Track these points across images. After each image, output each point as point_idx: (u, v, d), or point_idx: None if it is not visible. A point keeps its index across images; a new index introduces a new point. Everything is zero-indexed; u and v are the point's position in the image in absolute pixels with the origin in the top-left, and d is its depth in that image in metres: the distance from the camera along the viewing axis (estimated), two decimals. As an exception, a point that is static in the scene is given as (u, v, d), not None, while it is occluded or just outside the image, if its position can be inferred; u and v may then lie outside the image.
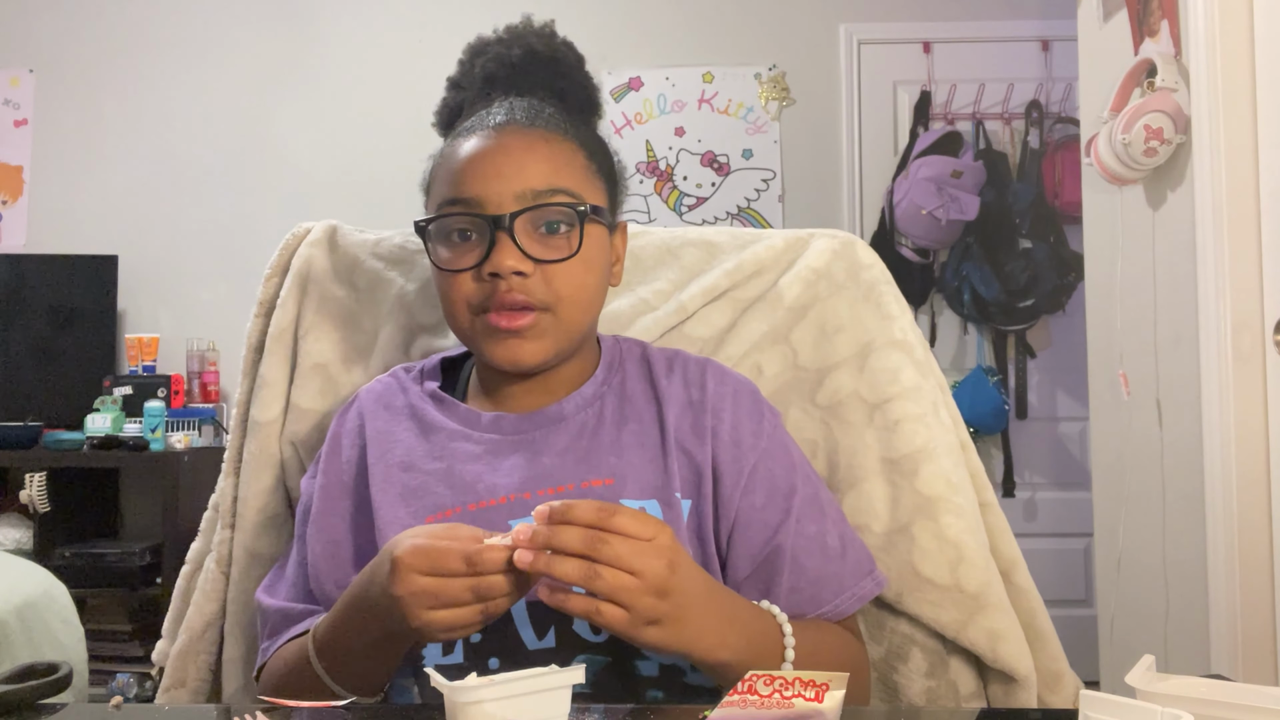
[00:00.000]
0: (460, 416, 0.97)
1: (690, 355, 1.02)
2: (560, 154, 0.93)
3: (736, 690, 0.61)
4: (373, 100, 3.64)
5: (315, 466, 1.00)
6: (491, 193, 0.90)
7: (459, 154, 0.94)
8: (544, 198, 0.90)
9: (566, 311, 0.92)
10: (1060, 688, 1.04)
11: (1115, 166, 2.16)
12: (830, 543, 0.94)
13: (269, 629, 0.95)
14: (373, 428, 0.97)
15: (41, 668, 0.73)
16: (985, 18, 3.64)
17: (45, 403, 3.31)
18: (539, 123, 0.95)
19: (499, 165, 0.91)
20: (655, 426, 0.95)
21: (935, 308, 3.57)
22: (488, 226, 0.89)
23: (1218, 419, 1.99)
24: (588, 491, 0.90)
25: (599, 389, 0.98)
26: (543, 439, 0.94)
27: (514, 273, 0.88)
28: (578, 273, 0.91)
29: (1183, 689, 0.60)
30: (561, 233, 0.91)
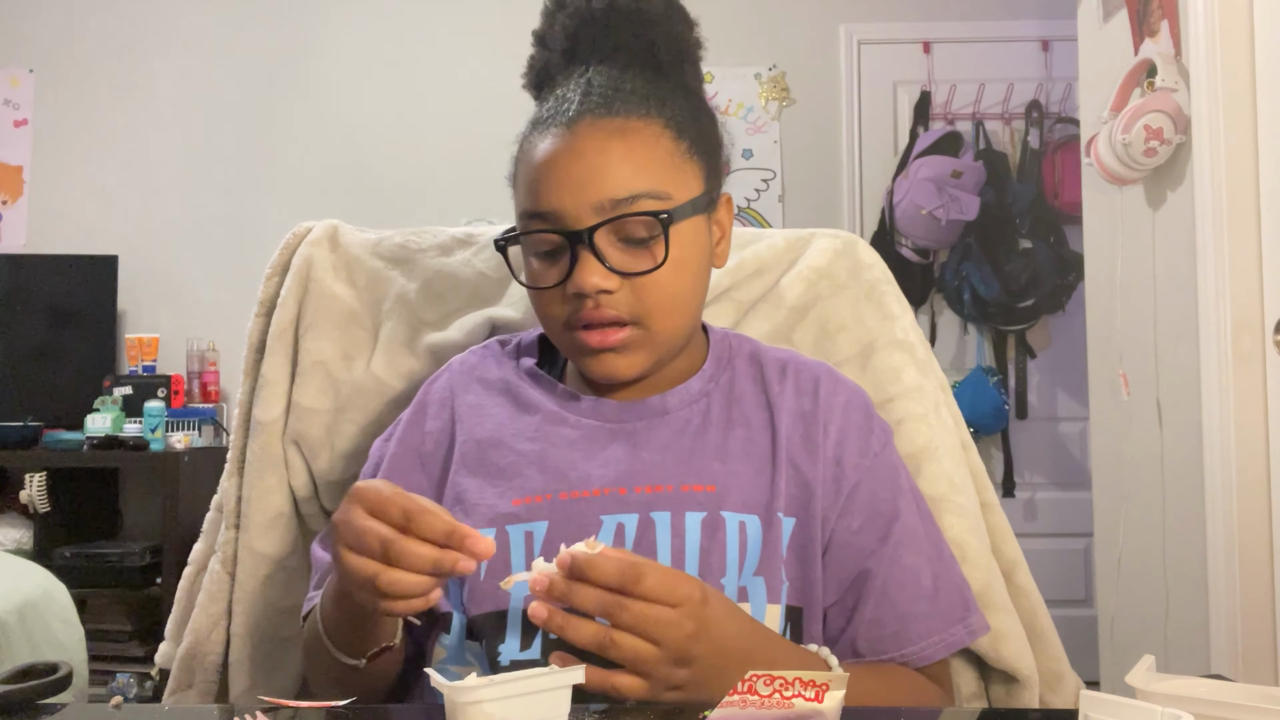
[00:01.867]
0: (558, 397, 0.93)
1: (804, 359, 0.97)
2: (640, 147, 0.86)
3: (736, 690, 0.61)
4: (373, 100, 3.64)
5: (393, 429, 0.96)
6: (569, 205, 0.84)
7: (535, 157, 0.87)
8: (623, 207, 0.84)
9: (659, 323, 0.86)
10: (1061, 688, 1.04)
11: (1115, 166, 2.16)
12: (924, 580, 0.88)
13: (316, 580, 0.93)
14: (464, 401, 0.94)
15: (41, 668, 0.73)
16: (985, 18, 3.64)
17: (45, 403, 3.31)
18: (617, 108, 0.87)
19: (573, 174, 0.84)
20: (765, 435, 0.90)
21: (935, 308, 3.57)
22: (568, 242, 0.84)
23: (1218, 419, 1.99)
24: (687, 496, 0.86)
25: (706, 385, 0.93)
26: (644, 431, 0.90)
27: (599, 291, 0.84)
28: (668, 282, 0.85)
29: (1183, 689, 0.60)
30: (646, 241, 0.85)
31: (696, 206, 0.88)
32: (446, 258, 1.19)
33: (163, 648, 1.14)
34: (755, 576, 0.84)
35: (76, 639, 1.86)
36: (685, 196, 0.87)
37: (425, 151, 3.57)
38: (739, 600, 0.83)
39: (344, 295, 1.16)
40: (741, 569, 0.84)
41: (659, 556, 0.83)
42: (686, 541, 0.84)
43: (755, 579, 0.84)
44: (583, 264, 0.83)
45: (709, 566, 0.83)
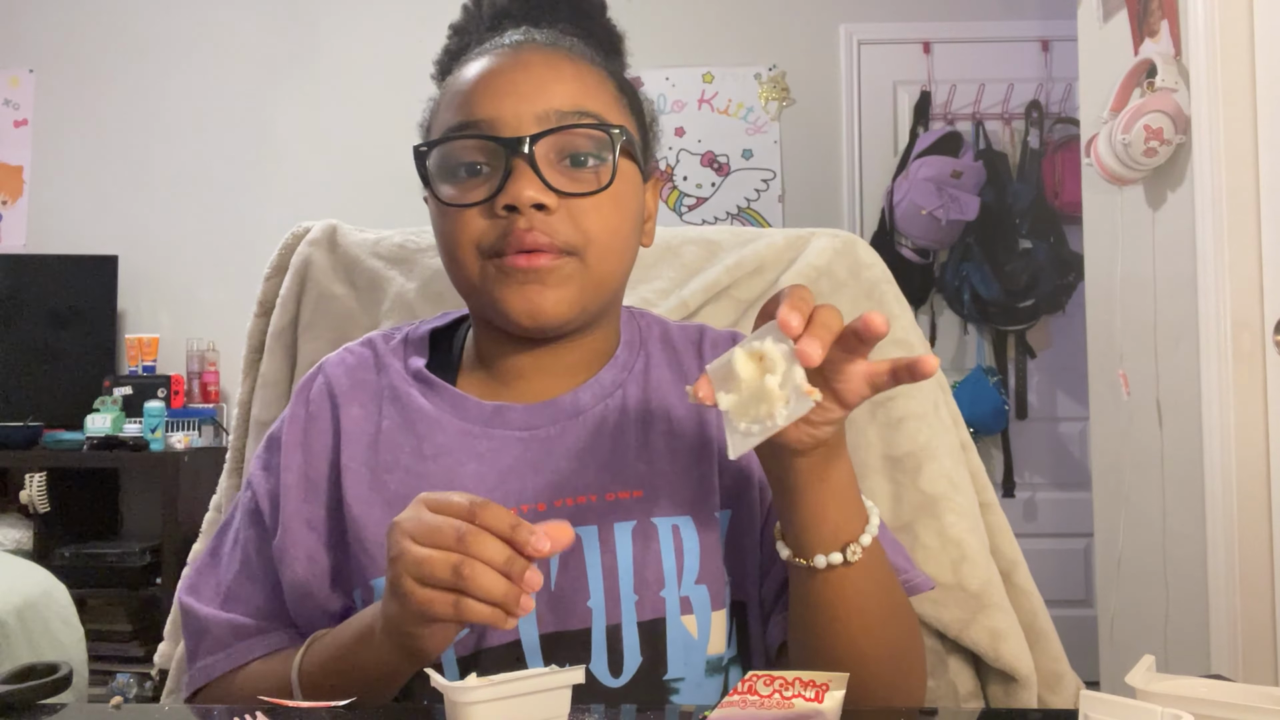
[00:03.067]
0: (454, 405, 0.81)
1: (718, 333, 0.90)
2: (589, 75, 0.79)
3: (737, 690, 0.61)
4: (373, 100, 3.64)
5: (269, 455, 0.83)
6: (508, 113, 0.75)
7: (467, 75, 0.79)
8: (569, 119, 0.76)
9: (596, 256, 0.77)
10: (1061, 688, 1.04)
11: (1115, 166, 2.16)
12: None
13: (209, 644, 0.81)
14: (347, 416, 0.82)
15: (41, 668, 0.73)
16: (985, 18, 3.64)
17: (45, 403, 3.31)
18: (562, 45, 0.81)
19: (516, 82, 0.76)
20: (690, 426, 0.82)
21: (935, 308, 3.57)
22: (503, 152, 0.75)
23: (1218, 419, 1.99)
24: (614, 504, 0.78)
25: (619, 375, 0.84)
26: (557, 437, 0.80)
27: (534, 205, 0.74)
28: (609, 212, 0.77)
29: (1183, 689, 0.60)
30: (590, 166, 0.77)
31: (638, 152, 0.81)
32: (446, 258, 1.19)
33: (162, 647, 1.14)
34: (698, 584, 0.78)
35: (76, 639, 1.86)
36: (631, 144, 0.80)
37: (425, 151, 3.57)
38: (682, 612, 0.77)
39: (343, 295, 1.16)
40: (681, 579, 0.77)
41: (589, 575, 0.76)
42: (618, 556, 0.77)
43: (698, 587, 0.78)
44: (518, 175, 0.74)
45: (644, 580, 0.77)
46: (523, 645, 0.76)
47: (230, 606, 0.82)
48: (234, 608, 0.82)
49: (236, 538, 0.84)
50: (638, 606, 0.76)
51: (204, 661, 0.81)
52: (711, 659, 0.79)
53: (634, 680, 0.76)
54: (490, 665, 0.75)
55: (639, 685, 0.76)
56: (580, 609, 0.76)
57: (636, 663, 0.76)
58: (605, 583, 0.76)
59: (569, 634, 0.76)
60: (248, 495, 0.85)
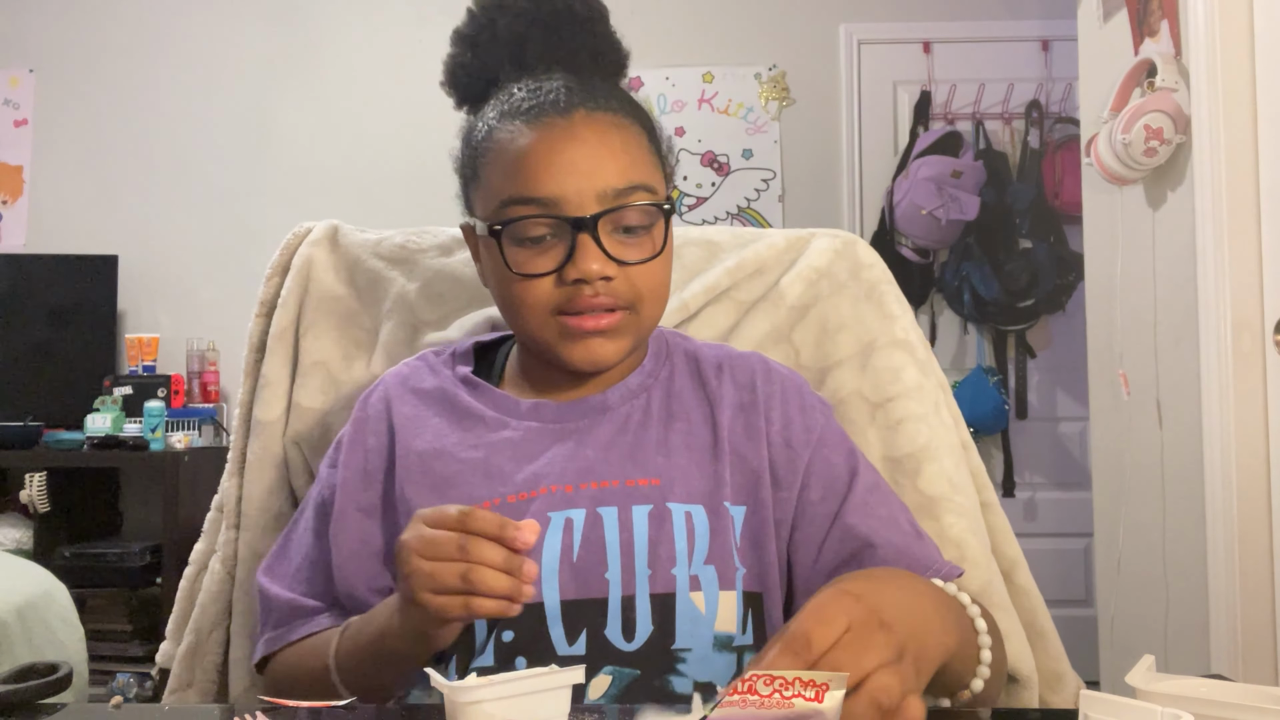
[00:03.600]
0: (496, 403, 0.92)
1: (738, 354, 0.98)
2: (632, 142, 0.88)
3: (736, 690, 0.61)
4: (373, 99, 3.64)
5: (335, 453, 0.95)
6: (570, 191, 0.84)
7: (523, 144, 0.86)
8: (624, 196, 0.85)
9: (647, 310, 0.89)
10: (1061, 687, 1.04)
11: (1115, 166, 2.16)
12: (904, 526, 0.90)
13: (274, 619, 0.91)
14: (400, 413, 0.92)
15: (42, 668, 0.73)
16: (985, 18, 3.64)
17: (45, 402, 3.31)
18: (604, 104, 0.88)
19: (575, 160, 0.85)
20: (707, 429, 0.91)
21: (935, 308, 3.57)
22: (569, 229, 0.84)
23: (1218, 419, 1.99)
24: (633, 490, 0.87)
25: (645, 380, 0.94)
26: (586, 430, 0.90)
27: (601, 278, 0.84)
28: (659, 271, 0.89)
29: (1183, 689, 0.60)
30: (638, 232, 0.87)
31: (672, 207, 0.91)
32: (447, 258, 1.19)
33: (163, 647, 1.14)
34: (706, 565, 0.85)
35: (76, 639, 1.86)
36: (664, 194, 0.90)
37: (425, 151, 3.56)
38: (691, 589, 0.84)
39: (344, 295, 1.16)
40: (691, 558, 0.85)
41: (608, 550, 0.84)
42: (635, 534, 0.85)
43: (706, 567, 0.85)
44: (586, 250, 0.84)
45: (658, 557, 0.84)
46: (545, 608, 0.82)
47: (294, 588, 0.92)
48: (297, 589, 0.92)
49: (306, 526, 0.95)
50: (650, 580, 0.84)
51: (268, 635, 0.91)
52: (720, 635, 0.84)
53: (645, 646, 0.82)
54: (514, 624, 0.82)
55: (649, 651, 0.82)
56: (598, 580, 0.84)
57: (648, 631, 0.83)
58: (622, 558, 0.84)
59: (587, 601, 0.83)
60: (317, 490, 0.95)
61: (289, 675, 0.87)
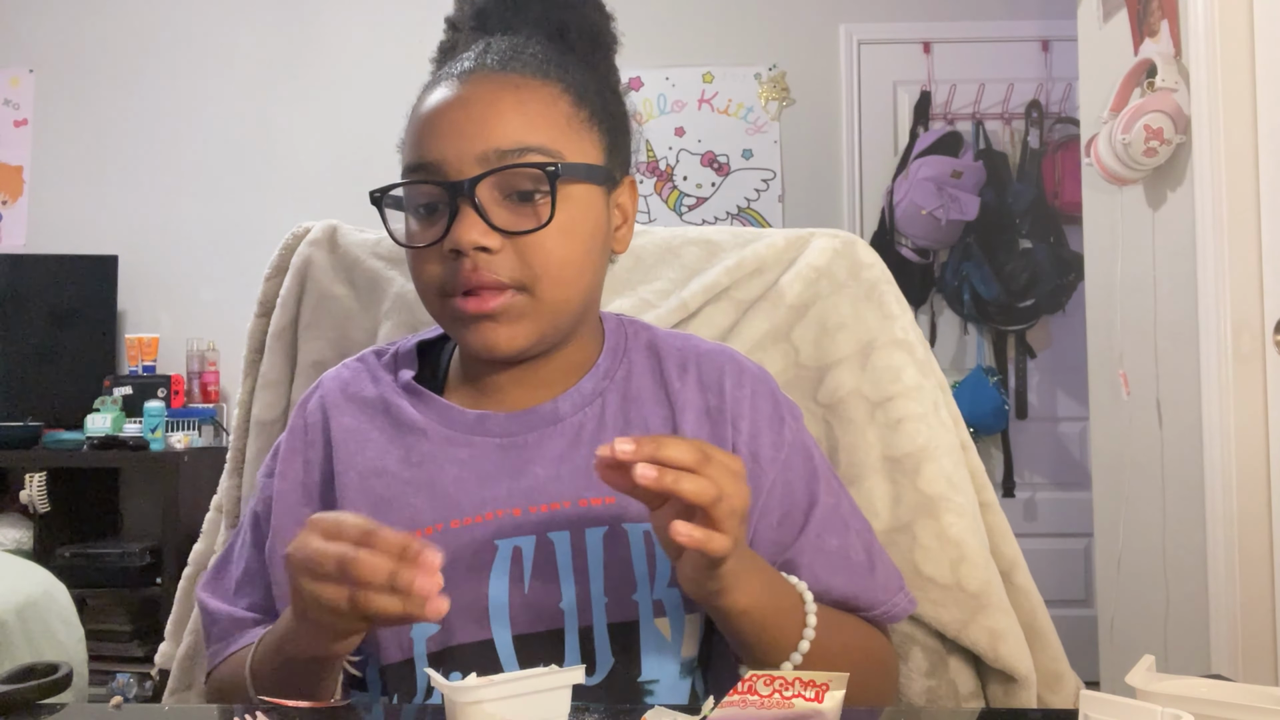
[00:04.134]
0: (440, 414, 0.85)
1: (705, 347, 0.91)
2: (535, 102, 0.80)
3: (736, 690, 0.61)
4: (373, 100, 3.64)
5: (272, 462, 0.89)
6: (450, 154, 0.78)
7: (421, 110, 0.82)
8: (510, 158, 0.77)
9: (547, 290, 0.79)
10: (1060, 688, 1.04)
11: (1115, 166, 2.16)
12: (855, 558, 0.85)
13: (218, 631, 0.86)
14: (339, 425, 0.86)
15: (41, 668, 0.73)
16: (985, 18, 3.64)
17: (45, 403, 3.31)
18: (513, 66, 0.81)
19: (458, 122, 0.79)
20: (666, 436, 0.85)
21: (935, 308, 3.57)
22: (447, 195, 0.78)
23: (1218, 419, 1.99)
24: (586, 511, 0.80)
25: (599, 384, 0.86)
26: (535, 444, 0.83)
27: (477, 248, 0.77)
28: (556, 244, 0.79)
29: (1183, 689, 0.60)
30: (535, 200, 0.78)
31: (592, 174, 0.82)
32: (446, 258, 1.19)
33: (163, 648, 1.14)
34: (670, 588, 0.80)
35: (76, 639, 1.86)
36: (579, 160, 0.81)
37: (425, 151, 3.57)
38: (655, 615, 0.79)
39: (343, 295, 1.16)
40: (653, 582, 0.79)
41: (561, 577, 0.79)
42: (589, 560, 0.79)
43: (670, 590, 0.80)
44: (462, 218, 0.77)
45: (615, 584, 0.79)
46: (495, 645, 0.78)
47: (235, 601, 0.87)
48: (238, 602, 0.87)
49: (244, 539, 0.90)
50: (608, 609, 0.79)
51: (212, 648, 0.87)
52: (685, 661, 0.81)
53: (607, 680, 0.78)
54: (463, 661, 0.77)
55: (613, 685, 0.78)
56: (552, 611, 0.79)
57: (609, 664, 0.78)
58: (577, 587, 0.79)
59: (542, 634, 0.78)
60: (253, 501, 0.90)
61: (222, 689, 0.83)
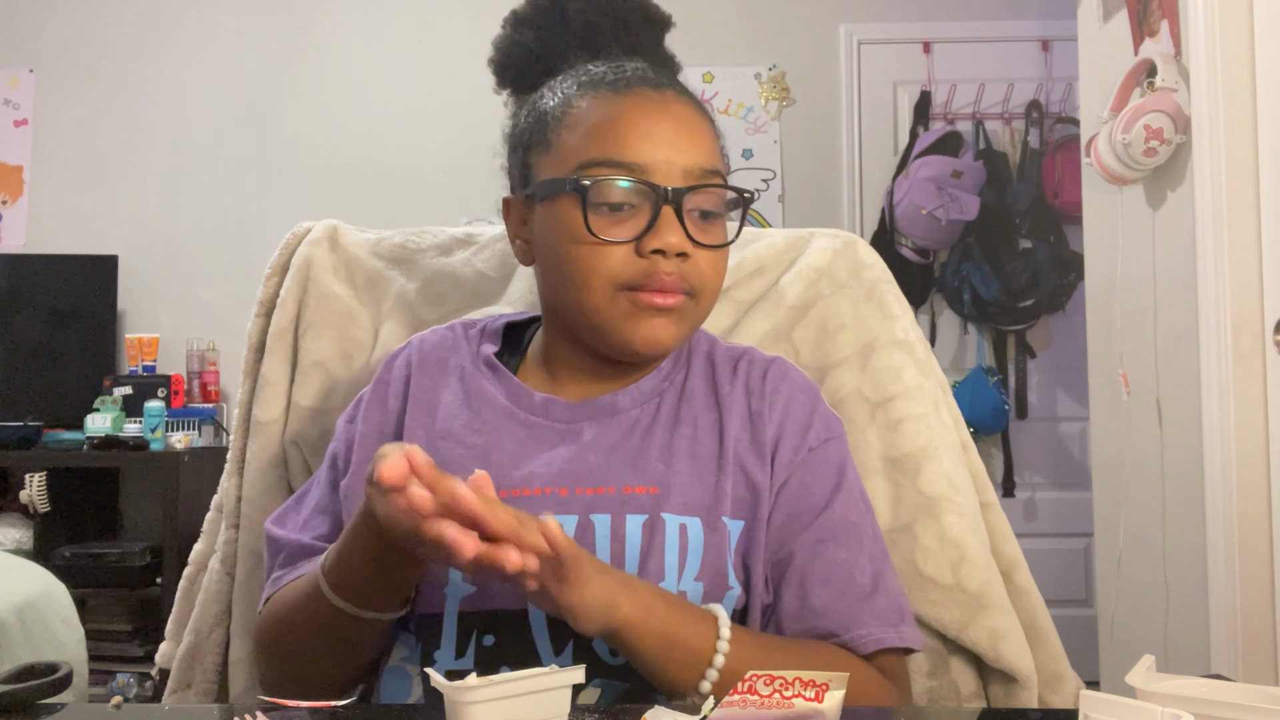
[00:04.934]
0: (510, 391, 0.90)
1: (759, 355, 0.94)
2: (711, 130, 0.87)
3: (736, 690, 0.61)
4: (373, 99, 3.64)
5: (355, 409, 0.94)
6: (660, 160, 0.81)
7: (613, 109, 0.83)
8: (709, 178, 0.83)
9: (706, 301, 0.86)
10: (1061, 687, 1.04)
11: (1115, 166, 2.16)
12: (859, 578, 0.84)
13: (283, 558, 0.89)
14: (418, 384, 0.92)
15: (41, 668, 0.73)
16: (985, 18, 3.64)
17: (45, 402, 3.31)
18: (687, 94, 0.87)
19: (669, 133, 0.82)
20: (712, 436, 0.88)
21: (935, 308, 3.57)
22: (653, 198, 0.81)
23: (1218, 419, 1.99)
24: (629, 498, 0.84)
25: (659, 384, 0.91)
26: (591, 431, 0.88)
27: (678, 253, 0.81)
28: (723, 262, 0.86)
29: (1183, 689, 0.60)
30: (712, 218, 0.84)
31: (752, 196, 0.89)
32: (446, 258, 1.19)
33: (163, 648, 1.14)
34: (695, 581, 0.82)
35: (76, 639, 1.86)
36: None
37: (425, 151, 3.57)
38: None
39: (344, 295, 1.16)
40: (681, 573, 0.82)
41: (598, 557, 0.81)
42: (626, 545, 0.82)
43: (695, 584, 0.82)
44: (670, 222, 0.81)
45: (647, 570, 0.81)
46: (529, 616, 0.81)
47: (304, 533, 0.90)
48: (306, 534, 0.90)
49: (320, 479, 0.94)
50: None
51: (276, 574, 0.89)
52: None
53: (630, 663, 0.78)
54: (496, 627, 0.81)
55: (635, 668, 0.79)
56: None
57: None
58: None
59: None
60: (331, 446, 0.94)
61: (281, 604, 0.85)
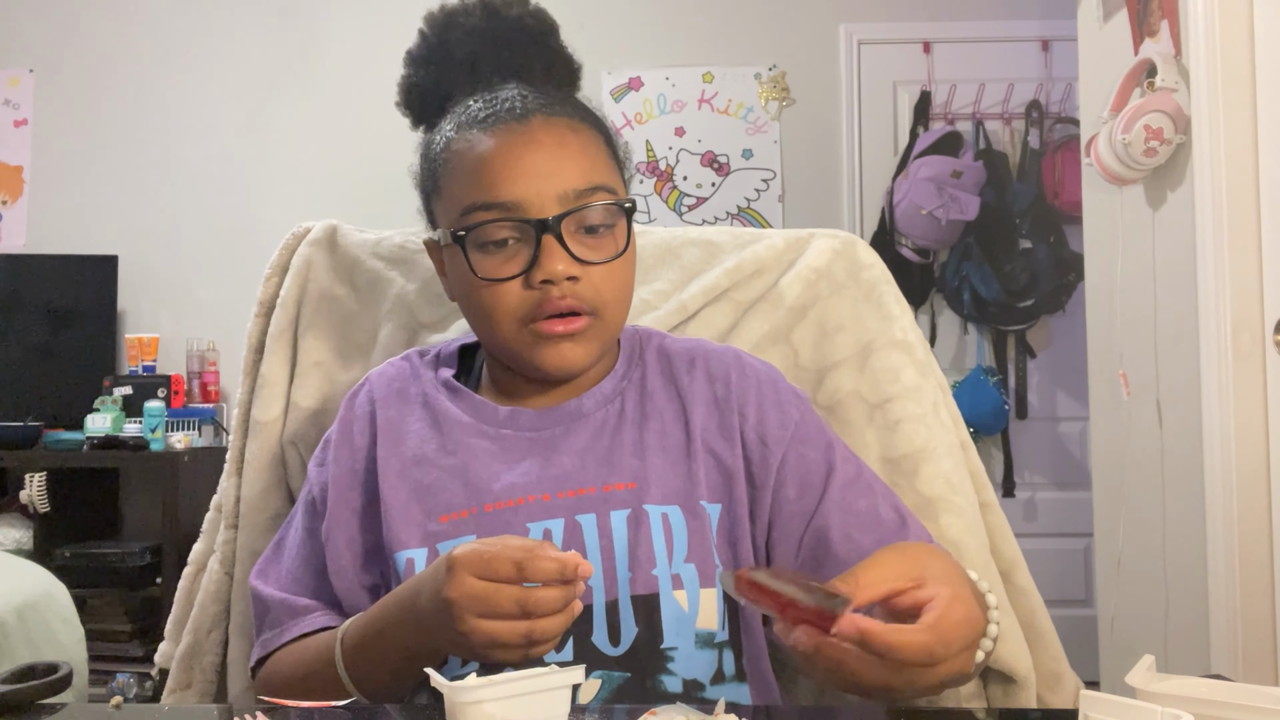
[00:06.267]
0: (475, 409, 0.92)
1: (712, 347, 0.98)
2: (590, 146, 0.89)
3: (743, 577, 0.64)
4: (373, 100, 3.62)
5: (324, 452, 0.95)
6: (532, 194, 0.85)
7: (482, 150, 0.87)
8: (585, 197, 0.86)
9: (611, 314, 0.89)
10: (1060, 688, 1.04)
11: (1115, 166, 2.16)
12: (885, 515, 0.89)
13: (269, 620, 0.91)
14: (384, 416, 0.93)
15: (41, 668, 0.73)
16: (985, 18, 3.64)
17: (45, 403, 3.31)
18: (560, 110, 0.89)
19: (535, 164, 0.85)
20: (679, 427, 0.91)
21: (935, 308, 3.57)
22: (533, 231, 0.84)
23: (1218, 419, 1.99)
24: (610, 495, 0.87)
25: (619, 384, 0.94)
26: (561, 437, 0.90)
27: (567, 278, 0.84)
28: (622, 272, 0.89)
29: (1183, 689, 0.60)
30: (600, 232, 0.87)
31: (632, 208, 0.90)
32: (446, 258, 1.19)
33: (162, 648, 1.14)
34: (686, 563, 0.86)
35: (76, 639, 1.86)
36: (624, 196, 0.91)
37: (425, 151, 3.57)
38: (673, 587, 0.85)
39: (343, 296, 1.16)
40: (671, 558, 0.85)
41: (589, 556, 0.85)
42: (614, 540, 0.85)
43: (686, 565, 0.86)
44: (550, 252, 0.84)
45: (637, 560, 0.85)
46: None
47: (289, 589, 0.92)
48: (292, 589, 0.92)
49: (297, 526, 0.95)
50: (631, 583, 0.84)
51: (264, 636, 0.90)
52: (701, 633, 0.85)
53: (632, 649, 0.83)
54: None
55: (638, 653, 0.83)
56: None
57: (633, 633, 0.83)
58: (603, 564, 0.85)
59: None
60: (305, 490, 0.96)
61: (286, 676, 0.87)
